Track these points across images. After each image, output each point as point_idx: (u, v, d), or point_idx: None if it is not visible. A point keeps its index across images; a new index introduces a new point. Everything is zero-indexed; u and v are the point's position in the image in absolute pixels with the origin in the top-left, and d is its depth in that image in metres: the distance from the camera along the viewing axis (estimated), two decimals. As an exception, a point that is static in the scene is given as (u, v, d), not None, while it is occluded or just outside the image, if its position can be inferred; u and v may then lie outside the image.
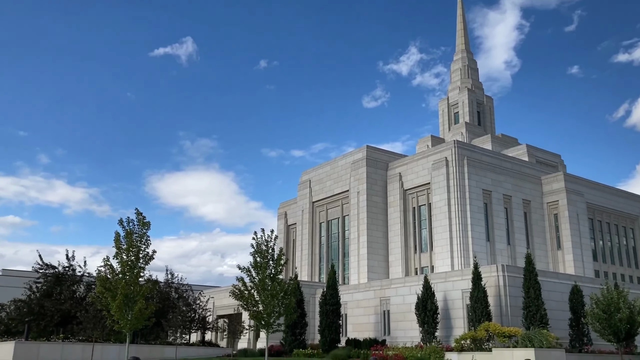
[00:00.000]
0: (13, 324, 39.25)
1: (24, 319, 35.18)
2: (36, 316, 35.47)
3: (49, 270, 38.11)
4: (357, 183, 59.66)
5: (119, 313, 21.66)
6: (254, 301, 29.14)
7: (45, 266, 38.26)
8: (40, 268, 38.13)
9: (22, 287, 40.71)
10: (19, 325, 36.73)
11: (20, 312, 37.83)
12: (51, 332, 35.51)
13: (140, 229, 22.61)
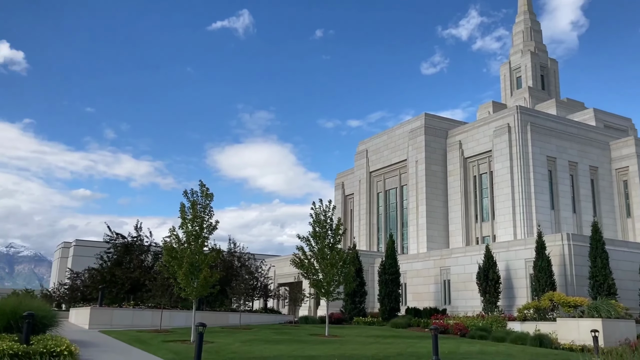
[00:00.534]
0: (88, 291, 41.60)
1: (97, 287, 37.16)
2: (108, 284, 37.37)
3: (118, 241, 39.90)
4: (416, 152, 58.90)
5: (185, 281, 22.48)
6: (314, 270, 29.59)
7: (115, 237, 40.07)
8: (111, 239, 39.97)
9: (94, 256, 42.92)
10: (94, 292, 38.86)
11: (93, 280, 40.00)
12: (122, 298, 37.38)
13: (203, 200, 23.22)
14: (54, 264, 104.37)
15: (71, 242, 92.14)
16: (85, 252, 77.21)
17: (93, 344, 20.64)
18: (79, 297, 44.96)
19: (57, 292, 55.00)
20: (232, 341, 22.86)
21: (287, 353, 19.12)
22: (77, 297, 45.24)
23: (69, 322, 33.12)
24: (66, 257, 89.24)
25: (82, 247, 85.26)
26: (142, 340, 22.44)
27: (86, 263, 51.27)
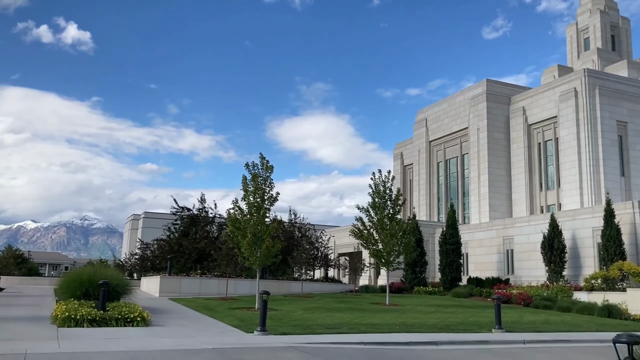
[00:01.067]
0: (157, 260, 43.53)
1: (166, 256, 38.79)
2: (176, 254, 38.91)
3: (184, 213, 41.34)
4: (477, 119, 57.48)
5: (248, 251, 23.15)
6: (374, 240, 29.73)
7: (181, 209, 41.52)
8: (177, 211, 41.45)
9: (162, 227, 44.69)
10: (162, 261, 40.61)
11: (162, 250, 41.77)
12: (190, 268, 38.88)
13: (264, 173, 23.67)
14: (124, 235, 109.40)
15: (140, 215, 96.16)
16: (153, 223, 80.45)
17: (163, 311, 21.69)
18: (148, 266, 47.12)
19: (128, 262, 57.79)
20: (295, 309, 23.47)
21: (349, 321, 19.48)
22: (147, 267, 47.43)
23: (140, 290, 34.83)
24: (136, 229, 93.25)
25: (150, 219, 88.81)
26: (210, 307, 23.39)
27: (155, 234, 53.45)
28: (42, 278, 60.55)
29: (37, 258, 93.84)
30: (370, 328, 17.54)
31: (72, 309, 16.58)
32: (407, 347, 14.43)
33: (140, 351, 12.10)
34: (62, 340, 13.50)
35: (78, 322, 16.01)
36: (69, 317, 16.07)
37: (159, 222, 54.80)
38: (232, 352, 12.42)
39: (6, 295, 29.15)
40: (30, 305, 23.07)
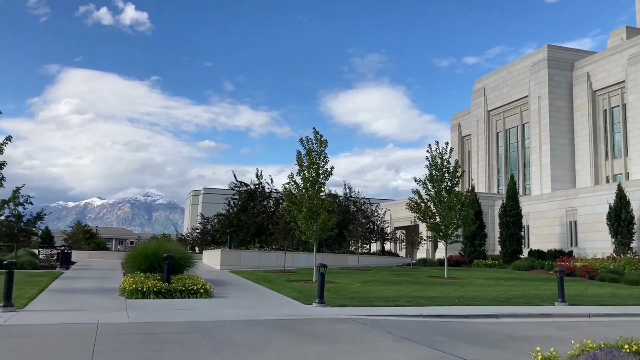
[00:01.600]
0: (217, 234, 44.70)
1: (225, 230, 39.77)
2: (235, 228, 39.81)
3: (242, 188, 42.11)
4: (538, 87, 55.39)
5: (305, 225, 23.39)
6: (431, 213, 29.40)
7: (239, 184, 42.30)
8: (235, 186, 42.27)
9: (221, 202, 45.76)
10: (222, 236, 41.67)
11: (222, 224, 42.83)
12: (249, 241, 39.74)
13: (318, 147, 23.69)
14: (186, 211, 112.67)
15: (200, 190, 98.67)
16: (213, 199, 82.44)
17: (225, 283, 22.31)
18: (209, 240, 48.48)
19: (190, 236, 59.63)
20: (352, 281, 23.63)
21: (407, 294, 19.46)
22: (208, 241, 48.81)
23: (202, 263, 35.91)
24: (196, 204, 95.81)
25: (209, 194, 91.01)
26: (269, 279, 23.88)
27: (214, 209, 54.81)
28: (110, 252, 63.39)
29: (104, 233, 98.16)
30: (429, 301, 17.46)
31: (138, 282, 17.30)
32: (467, 320, 14.30)
33: (205, 321, 12.51)
34: (130, 311, 14.12)
35: (144, 294, 16.69)
36: (136, 290, 16.78)
37: (218, 198, 56.11)
38: (291, 323, 12.66)
39: (77, 268, 30.70)
40: (99, 278, 24.22)
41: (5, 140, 19.09)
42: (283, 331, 11.57)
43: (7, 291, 13.56)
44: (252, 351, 9.34)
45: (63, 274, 25.27)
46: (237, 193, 42.22)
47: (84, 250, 54.75)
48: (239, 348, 9.55)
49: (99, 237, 73.45)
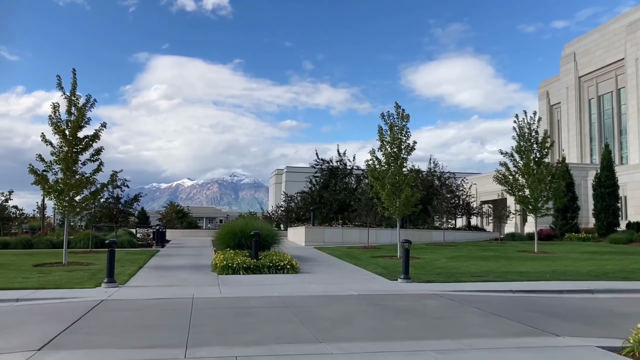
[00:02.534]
0: (301, 212, 45.53)
1: (309, 208, 40.41)
2: (318, 205, 40.35)
3: (324, 166, 42.51)
4: (635, 48, 51.53)
5: (388, 201, 23.30)
6: (519, 186, 28.36)
7: (321, 162, 42.72)
8: (317, 164, 42.73)
9: (303, 181, 46.47)
10: (306, 213, 42.39)
11: (305, 202, 43.54)
12: (332, 218, 40.18)
13: (400, 122, 23.38)
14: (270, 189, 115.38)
15: (283, 169, 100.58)
16: (295, 177, 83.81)
17: (310, 259, 22.74)
18: (293, 217, 49.49)
19: (275, 213, 61.10)
20: (438, 257, 23.36)
21: (495, 269, 19.00)
22: (292, 218, 49.83)
23: (287, 239, 36.72)
24: (280, 183, 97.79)
25: (292, 172, 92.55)
26: (353, 255, 24.08)
27: (297, 187, 55.76)
28: (200, 230, 66.22)
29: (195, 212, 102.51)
30: (518, 276, 16.96)
31: (228, 258, 18.01)
32: (559, 295, 13.77)
33: (292, 296, 12.85)
34: (222, 286, 14.75)
35: (234, 270, 17.37)
36: (227, 266, 17.50)
37: (301, 176, 56.99)
38: (376, 298, 12.73)
39: (172, 246, 32.35)
40: (192, 255, 25.40)
41: (101, 126, 20.28)
42: (369, 306, 11.67)
43: (110, 268, 14.55)
44: (339, 325, 9.50)
45: (159, 252, 26.71)
46: (319, 171, 42.67)
47: (177, 229, 57.57)
48: (326, 322, 9.74)
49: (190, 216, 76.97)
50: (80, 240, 28.96)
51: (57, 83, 19.47)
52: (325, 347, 7.82)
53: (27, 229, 41.72)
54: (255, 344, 7.94)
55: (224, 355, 7.29)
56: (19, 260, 20.92)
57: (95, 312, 10.69)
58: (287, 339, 8.38)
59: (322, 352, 7.57)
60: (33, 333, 8.64)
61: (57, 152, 19.44)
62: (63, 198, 19.76)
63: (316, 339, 8.35)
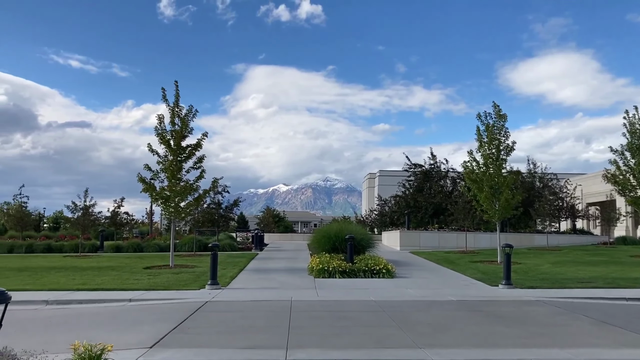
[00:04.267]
0: (395, 216, 45.10)
1: (403, 212, 39.98)
2: (412, 209, 39.83)
3: (417, 169, 41.92)
4: None
5: (487, 204, 22.53)
6: (631, 186, 26.43)
7: (414, 165, 42.16)
8: (410, 167, 42.22)
9: (397, 184, 46.06)
10: (400, 217, 41.96)
11: (399, 205, 43.12)
12: (427, 222, 39.48)
13: (498, 122, 22.56)
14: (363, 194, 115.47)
15: (375, 173, 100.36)
16: (388, 181, 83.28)
17: (405, 263, 22.49)
18: (387, 221, 49.11)
19: (368, 217, 60.99)
20: (541, 262, 22.29)
21: (604, 275, 17.82)
22: (386, 222, 49.47)
23: (381, 243, 36.52)
24: (373, 187, 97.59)
25: (385, 176, 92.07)
26: (450, 260, 23.53)
27: (390, 191, 55.33)
28: (296, 234, 67.52)
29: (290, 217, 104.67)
30: (632, 283, 15.80)
31: (324, 262, 18.22)
32: (681, 305, 12.67)
33: (388, 301, 12.77)
34: (318, 289, 14.94)
35: (330, 274, 17.55)
36: (322, 269, 17.71)
37: (394, 179, 56.50)
38: (476, 304, 12.36)
39: (269, 250, 33.24)
40: (289, 258, 25.94)
41: (203, 136, 21.26)
42: (468, 312, 11.35)
43: (213, 271, 15.19)
44: (438, 331, 9.31)
45: (258, 255, 27.54)
46: (412, 174, 42.13)
47: (273, 233, 59.05)
48: (424, 327, 9.59)
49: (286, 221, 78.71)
50: (185, 244, 30.46)
51: (162, 95, 20.68)
52: (425, 352, 7.70)
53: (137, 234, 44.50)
54: (353, 348, 7.96)
55: (324, 357, 7.38)
56: (131, 262, 22.37)
57: (200, 313, 11.20)
58: (385, 343, 8.34)
59: (422, 358, 7.46)
60: (145, 331, 9.20)
61: (162, 161, 20.62)
62: (169, 204, 20.91)
63: (415, 344, 8.24)
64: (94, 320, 10.73)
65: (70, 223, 32.32)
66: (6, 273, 18.72)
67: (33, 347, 6.01)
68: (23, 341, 6.54)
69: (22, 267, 20.81)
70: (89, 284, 15.54)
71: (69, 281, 16.31)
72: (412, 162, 42.34)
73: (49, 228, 53.27)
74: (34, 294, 13.75)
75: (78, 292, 14.17)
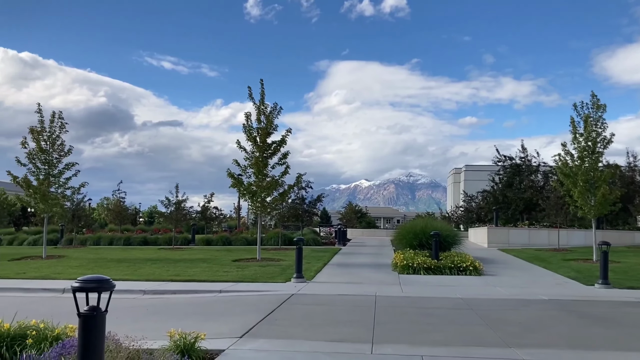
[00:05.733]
0: (482, 212, 43.84)
1: (490, 208, 38.78)
2: (501, 205, 38.52)
3: (506, 163, 40.48)
4: None
5: (581, 199, 21.37)
6: None
7: (503, 159, 40.74)
8: (499, 161, 40.83)
9: (484, 179, 44.72)
10: (488, 213, 40.73)
11: (487, 201, 41.84)
12: (517, 218, 38.08)
13: (595, 113, 21.31)
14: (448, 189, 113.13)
15: (461, 168, 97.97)
16: (475, 176, 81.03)
17: (493, 261, 21.82)
18: (474, 218, 47.83)
19: (454, 214, 59.68)
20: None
21: None
22: (473, 218, 48.19)
23: (468, 240, 35.58)
24: (458, 182, 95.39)
25: (471, 171, 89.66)
26: (541, 258, 22.58)
27: (476, 186, 53.83)
28: (379, 230, 67.25)
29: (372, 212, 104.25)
30: None
31: (408, 258, 18.06)
32: None
33: (475, 299, 12.46)
34: (403, 285, 14.83)
35: (415, 270, 17.36)
36: (407, 265, 17.56)
37: (481, 174, 54.97)
38: (570, 304, 11.79)
39: (352, 245, 33.33)
40: (372, 254, 25.88)
41: (287, 132, 21.64)
42: (562, 312, 10.85)
43: (298, 264, 15.47)
44: (529, 330, 8.98)
45: (341, 250, 27.70)
46: (501, 168, 40.73)
47: (356, 229, 59.15)
48: (515, 327, 9.27)
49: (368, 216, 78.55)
50: (271, 238, 31.19)
51: (248, 94, 21.25)
52: (515, 352, 7.45)
53: (225, 228, 46.05)
54: (440, 345, 7.85)
55: (410, 353, 7.32)
56: (220, 255, 23.21)
57: (287, 305, 11.45)
58: (473, 341, 8.15)
59: (512, 357, 7.23)
60: (235, 321, 9.53)
61: (249, 157, 21.21)
62: (256, 199, 21.49)
63: (505, 343, 8.00)
64: (186, 309, 11.25)
65: (163, 217, 33.98)
66: (108, 264, 20.02)
67: (133, 333, 6.39)
68: (124, 327, 6.97)
69: (121, 258, 22.16)
70: (182, 275, 16.30)
71: (163, 272, 17.19)
72: (502, 155, 40.88)
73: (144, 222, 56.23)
74: (133, 283, 14.61)
75: (172, 283, 14.91)
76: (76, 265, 19.39)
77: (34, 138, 22.14)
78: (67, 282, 14.37)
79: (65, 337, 6.18)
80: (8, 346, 6.14)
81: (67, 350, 5.55)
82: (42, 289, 14.15)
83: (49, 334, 6.32)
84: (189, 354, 6.47)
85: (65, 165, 22.88)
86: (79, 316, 4.32)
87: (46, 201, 22.45)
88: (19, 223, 48.15)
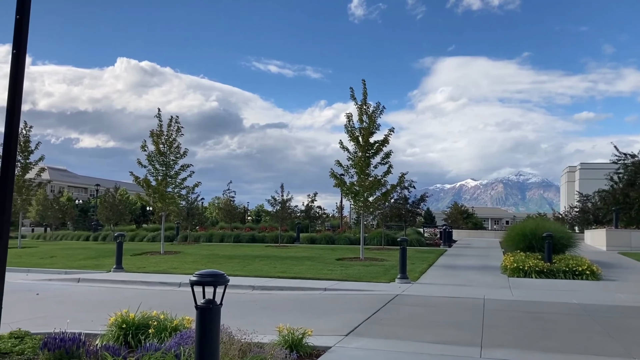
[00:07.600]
0: (600, 213, 40.99)
1: (610, 208, 36.13)
2: (622, 205, 35.79)
3: (627, 160, 37.57)
4: None
5: None
6: None
7: (623, 156, 37.84)
8: (619, 159, 37.98)
9: (601, 178, 41.75)
10: (607, 214, 38.00)
11: (605, 202, 39.05)
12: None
13: None
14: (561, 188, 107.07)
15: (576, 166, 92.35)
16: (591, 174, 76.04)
17: (613, 265, 20.36)
18: (590, 219, 44.90)
19: (568, 214, 56.41)
20: None
21: None
22: (589, 220, 45.25)
23: (584, 243, 33.56)
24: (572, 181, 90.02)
25: (587, 170, 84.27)
26: (669, 263, 20.75)
27: (593, 185, 50.47)
28: (486, 231, 65.07)
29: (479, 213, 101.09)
30: None
31: (519, 260, 17.31)
32: None
33: (593, 304, 11.69)
34: (513, 289, 14.24)
35: (526, 273, 16.61)
36: (517, 268, 16.84)
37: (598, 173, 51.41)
38: None
39: (458, 246, 32.53)
40: (479, 256, 25.10)
41: (389, 132, 21.55)
42: (695, 323, 9.90)
43: (403, 265, 15.34)
44: (656, 341, 8.28)
45: (446, 251, 27.11)
46: (622, 166, 37.84)
47: (462, 229, 57.66)
48: (638, 336, 8.59)
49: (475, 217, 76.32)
50: (374, 237, 31.18)
51: (350, 94, 21.40)
52: (640, 364, 6.91)
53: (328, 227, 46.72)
54: (555, 352, 7.46)
55: (522, 359, 7.03)
56: (324, 254, 23.58)
57: (391, 305, 11.40)
58: (591, 350, 7.66)
59: (636, 369, 6.71)
60: (340, 319, 9.64)
61: (352, 157, 21.36)
62: (358, 199, 21.61)
63: (628, 353, 7.44)
64: (293, 306, 11.55)
65: (270, 216, 35.17)
66: (219, 260, 21.03)
67: (244, 326, 6.67)
68: (236, 321, 7.29)
69: (231, 254, 23.18)
70: (288, 272, 16.76)
71: (270, 269, 17.78)
72: (622, 152, 37.97)
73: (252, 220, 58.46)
74: (243, 279, 15.24)
75: (279, 280, 15.38)
76: (191, 261, 20.55)
77: (154, 141, 23.77)
78: (183, 277, 15.30)
79: (183, 329, 6.60)
80: (133, 334, 6.67)
81: (185, 341, 5.92)
82: (160, 283, 15.16)
83: (168, 324, 6.77)
84: (297, 349, 6.65)
85: (181, 167, 24.36)
86: (196, 308, 4.58)
87: (164, 200, 24.02)
88: (139, 221, 51.91)
